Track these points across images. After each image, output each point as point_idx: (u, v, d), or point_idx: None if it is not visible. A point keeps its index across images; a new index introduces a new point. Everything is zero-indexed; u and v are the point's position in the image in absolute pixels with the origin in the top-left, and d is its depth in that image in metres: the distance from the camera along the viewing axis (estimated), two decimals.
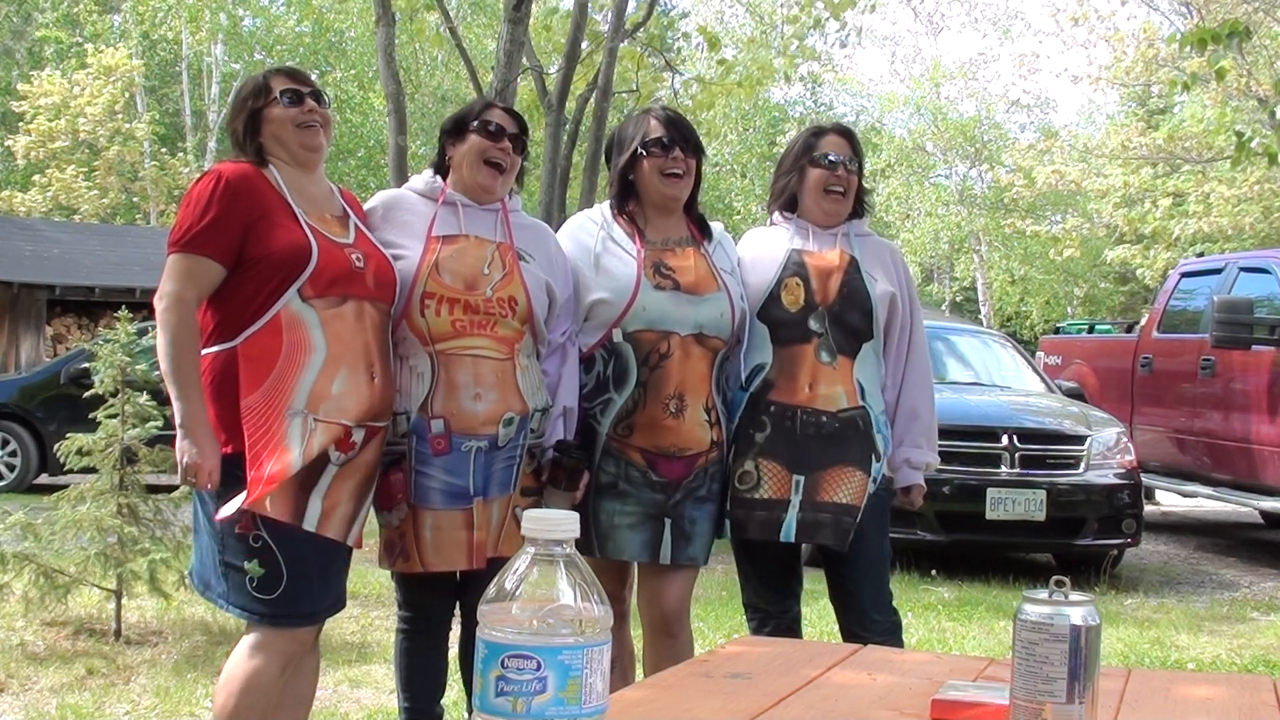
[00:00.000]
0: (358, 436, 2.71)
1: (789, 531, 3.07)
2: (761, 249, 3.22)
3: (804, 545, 3.22)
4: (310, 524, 2.65)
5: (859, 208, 3.27)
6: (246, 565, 2.61)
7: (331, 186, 2.92)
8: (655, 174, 3.06)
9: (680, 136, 3.07)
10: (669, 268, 3.04)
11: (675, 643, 3.08)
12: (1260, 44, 17.20)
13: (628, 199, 3.12)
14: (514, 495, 2.90)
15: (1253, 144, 8.59)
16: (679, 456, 2.99)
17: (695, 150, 3.10)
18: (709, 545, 3.10)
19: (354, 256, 2.74)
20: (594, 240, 3.08)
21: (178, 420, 2.63)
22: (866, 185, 3.33)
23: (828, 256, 3.17)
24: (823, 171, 3.19)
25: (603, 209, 3.19)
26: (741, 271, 3.16)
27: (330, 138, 2.87)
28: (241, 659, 2.68)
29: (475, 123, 2.95)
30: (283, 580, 2.62)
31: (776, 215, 3.29)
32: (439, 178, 3.00)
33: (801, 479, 3.07)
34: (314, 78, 2.93)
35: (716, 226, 3.23)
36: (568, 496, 2.94)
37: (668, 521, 3.00)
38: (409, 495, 2.83)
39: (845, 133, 3.29)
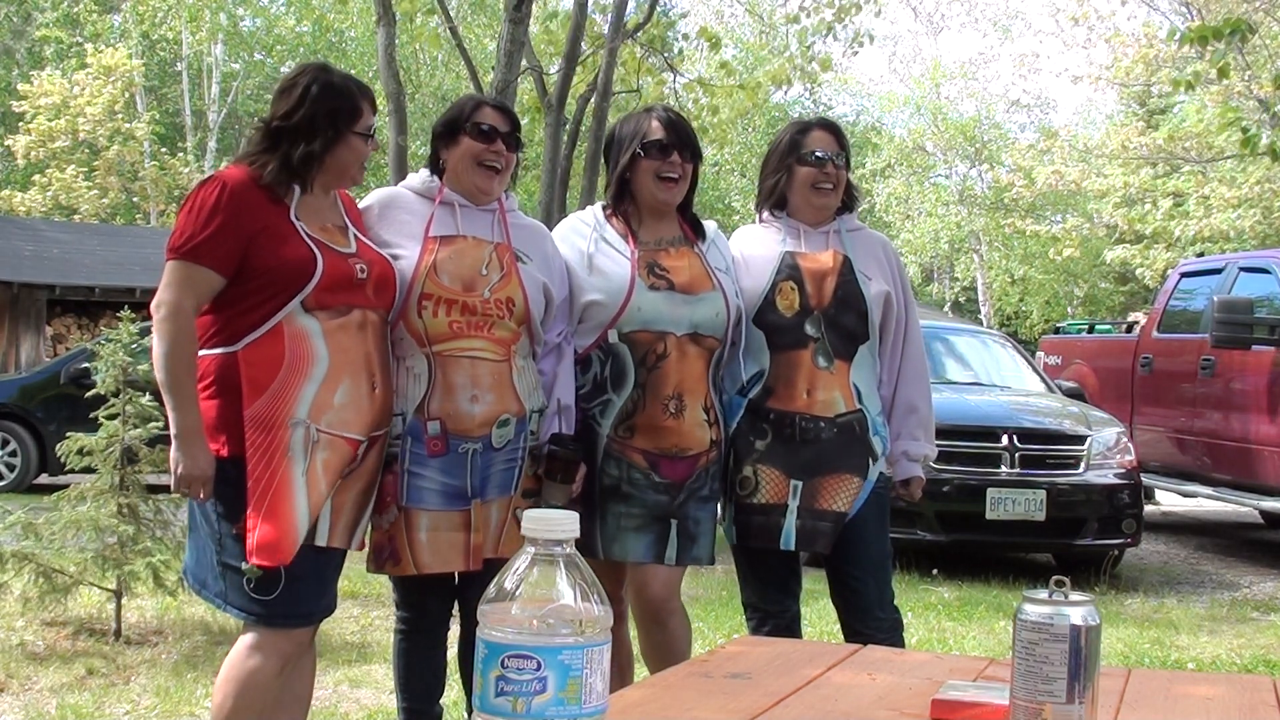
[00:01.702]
0: (361, 448, 2.72)
1: (788, 539, 3.07)
2: (753, 250, 3.21)
3: None
4: (322, 539, 2.67)
5: (848, 202, 3.27)
6: (244, 567, 2.61)
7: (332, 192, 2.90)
8: (650, 176, 3.05)
9: (679, 140, 3.06)
10: (663, 268, 3.04)
11: (665, 630, 3.07)
12: (1260, 44, 17.19)
13: (623, 198, 3.12)
14: (515, 497, 2.90)
15: (1261, 140, 8.58)
16: (681, 457, 2.99)
17: (694, 155, 3.09)
18: (713, 544, 3.11)
19: (358, 267, 2.72)
20: (586, 242, 3.08)
21: (172, 430, 2.61)
22: (864, 186, 3.34)
23: (821, 258, 3.16)
24: (811, 169, 3.19)
25: (595, 211, 3.18)
26: (735, 271, 3.16)
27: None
28: (239, 659, 2.68)
29: (467, 125, 2.94)
30: (280, 582, 2.62)
31: (766, 214, 3.29)
32: (435, 178, 3.00)
33: (799, 484, 3.07)
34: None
35: (710, 225, 3.22)
36: (564, 489, 2.94)
37: (673, 523, 3.00)
38: (398, 498, 2.82)
39: (830, 127, 3.29)
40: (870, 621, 3.16)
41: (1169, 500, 10.30)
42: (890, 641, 3.09)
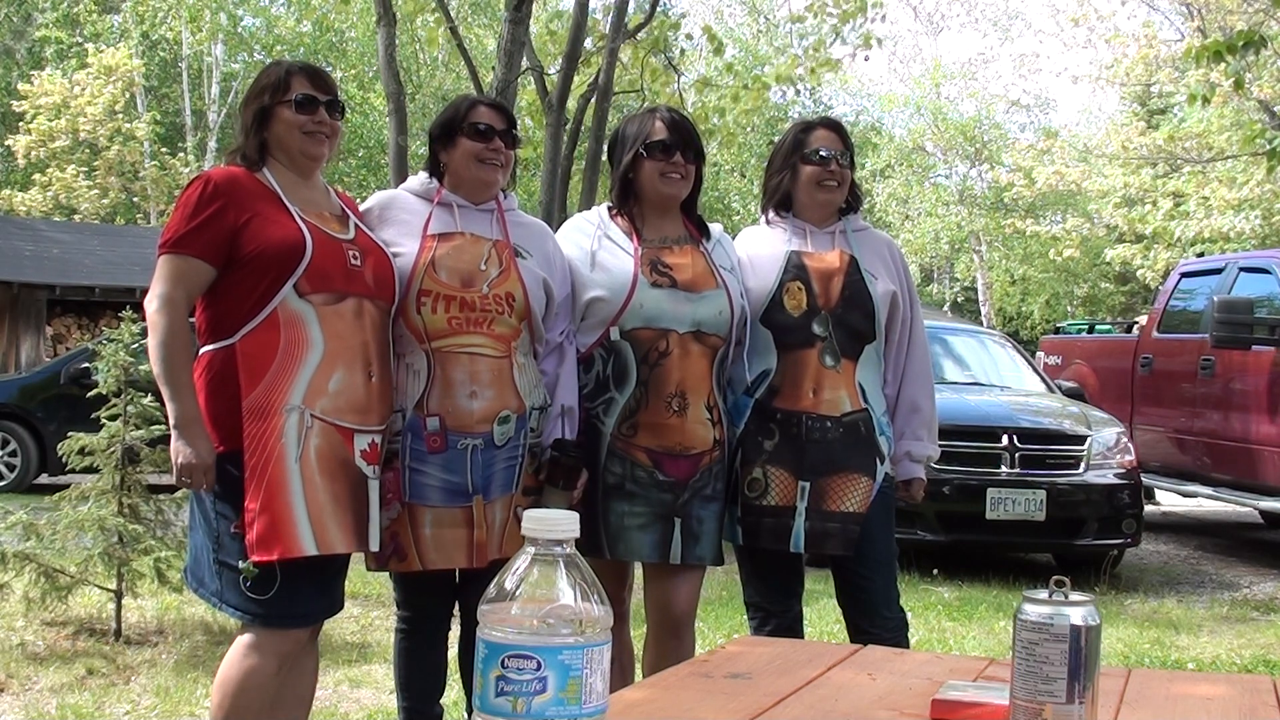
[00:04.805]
0: (380, 442, 2.73)
1: (798, 541, 3.08)
2: (759, 250, 3.22)
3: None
4: (374, 544, 2.71)
5: (853, 201, 3.28)
6: (241, 565, 2.61)
7: (327, 187, 2.92)
8: (655, 175, 3.07)
9: (682, 140, 3.07)
10: (666, 265, 3.04)
11: (680, 644, 3.08)
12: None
13: (627, 198, 3.13)
14: (516, 495, 2.90)
15: None
16: (684, 455, 2.99)
17: (697, 155, 3.10)
18: (718, 545, 3.10)
19: (351, 253, 2.74)
20: (590, 239, 3.09)
21: (172, 421, 2.63)
22: (864, 186, 3.34)
23: (827, 258, 3.17)
24: (815, 167, 3.20)
25: (600, 210, 3.19)
26: (741, 272, 3.16)
27: (335, 148, 2.85)
28: (236, 659, 2.68)
29: (464, 125, 2.95)
30: (276, 581, 2.62)
31: (771, 215, 3.29)
32: (434, 180, 3.01)
33: (807, 485, 3.07)
34: (336, 82, 2.91)
35: (715, 227, 3.23)
36: (565, 496, 2.94)
37: (677, 521, 3.00)
38: (400, 494, 2.82)
39: (834, 126, 3.30)
40: (878, 620, 3.16)
41: (1169, 500, 10.30)
42: (896, 641, 3.10)
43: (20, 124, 24.82)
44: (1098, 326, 12.90)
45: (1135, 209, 21.91)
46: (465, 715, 3.35)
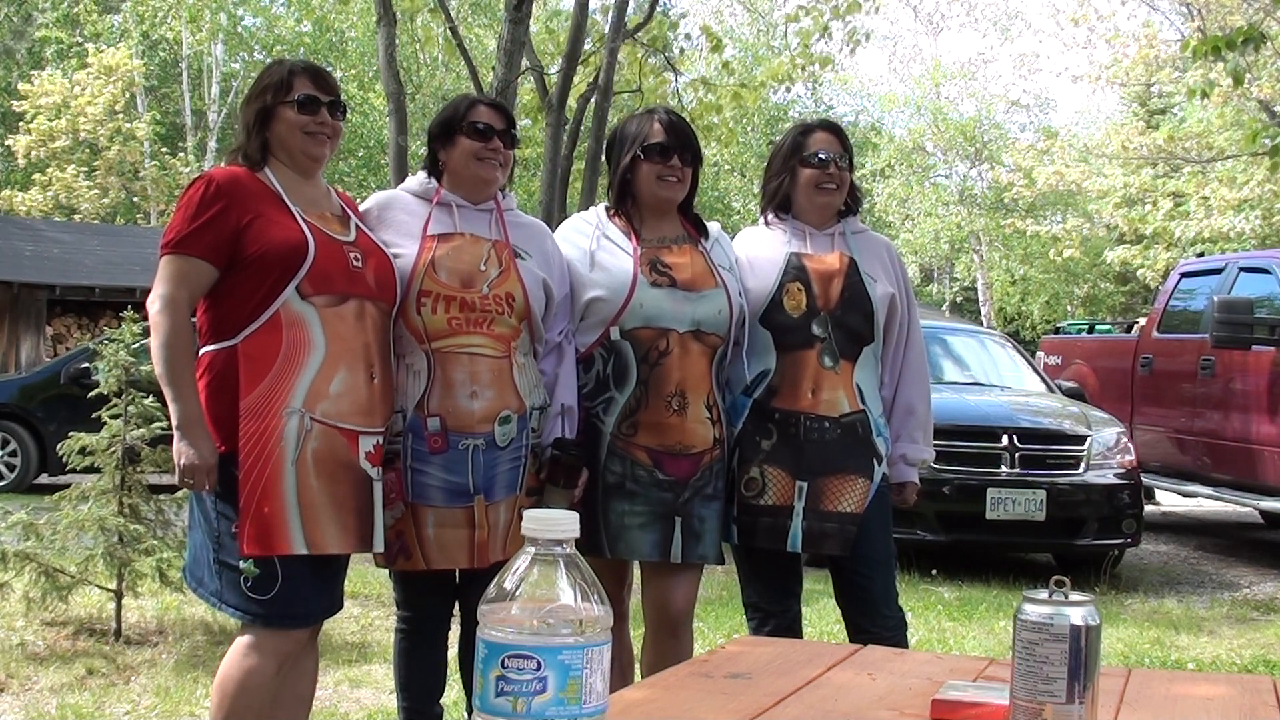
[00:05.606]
0: (359, 442, 2.72)
1: (795, 541, 3.08)
2: (759, 251, 3.22)
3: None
4: (379, 545, 2.72)
5: (852, 204, 3.28)
6: (242, 565, 2.61)
7: (328, 188, 2.92)
8: (652, 178, 3.07)
9: (680, 144, 3.07)
10: (665, 265, 3.05)
11: (678, 643, 3.09)
12: (1263, 45, 17.14)
13: (625, 199, 3.13)
14: (520, 496, 2.90)
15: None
16: (684, 454, 3.00)
17: (694, 158, 3.11)
18: (719, 544, 3.11)
19: (352, 255, 2.74)
20: (589, 240, 3.09)
21: (174, 421, 2.63)
22: (864, 186, 3.34)
23: (827, 260, 3.17)
24: (814, 170, 3.20)
25: (597, 211, 3.20)
26: (740, 272, 3.17)
27: (335, 148, 2.86)
28: (236, 659, 2.68)
29: (463, 124, 2.96)
30: (277, 581, 2.62)
31: (771, 216, 3.30)
32: (432, 179, 3.01)
33: (804, 485, 3.08)
34: (338, 81, 2.91)
35: (713, 226, 3.23)
36: (566, 494, 2.95)
37: (678, 520, 3.00)
38: (403, 494, 2.83)
39: (833, 128, 3.31)
40: (878, 619, 3.17)
41: (1169, 500, 10.30)
42: (896, 640, 3.11)
43: (20, 124, 24.82)
44: (1098, 326, 12.89)
45: (1135, 209, 21.90)
46: (465, 715, 3.35)
